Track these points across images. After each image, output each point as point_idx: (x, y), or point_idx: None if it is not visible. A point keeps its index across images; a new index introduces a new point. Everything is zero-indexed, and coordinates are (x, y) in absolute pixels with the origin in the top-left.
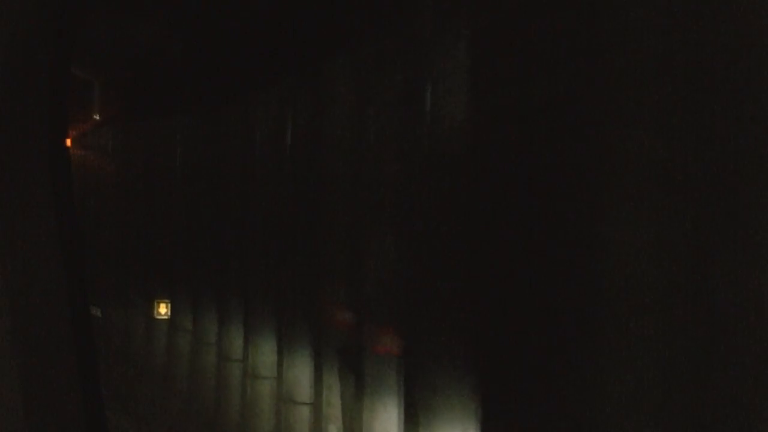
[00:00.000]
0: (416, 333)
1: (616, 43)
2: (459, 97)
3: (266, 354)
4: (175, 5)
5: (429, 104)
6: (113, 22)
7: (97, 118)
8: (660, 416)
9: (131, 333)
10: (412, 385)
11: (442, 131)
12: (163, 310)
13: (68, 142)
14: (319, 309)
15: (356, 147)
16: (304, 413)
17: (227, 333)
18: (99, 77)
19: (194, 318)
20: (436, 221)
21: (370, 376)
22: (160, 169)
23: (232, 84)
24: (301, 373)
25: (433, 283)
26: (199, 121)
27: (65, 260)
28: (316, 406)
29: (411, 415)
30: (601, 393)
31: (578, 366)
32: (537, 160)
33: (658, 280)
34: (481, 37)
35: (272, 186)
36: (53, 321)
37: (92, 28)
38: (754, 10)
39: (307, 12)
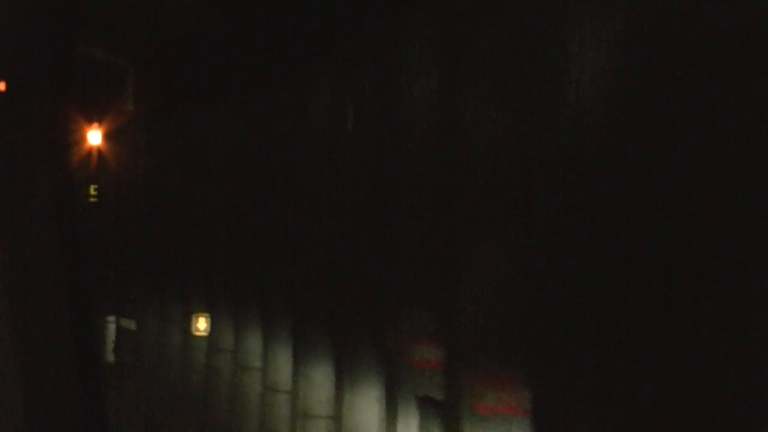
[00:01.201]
0: (538, 384)
1: None
2: (604, 58)
3: (321, 388)
4: None
5: (556, 71)
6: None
7: (131, 108)
8: None
9: (167, 350)
10: None
11: (575, 106)
12: (201, 325)
13: (100, 137)
14: (393, 340)
15: (444, 130)
16: None
17: (273, 357)
18: (133, 62)
19: (236, 337)
20: (567, 226)
21: None
22: (200, 167)
23: (282, 63)
24: (367, 419)
25: (563, 313)
26: (243, 110)
27: (65, 260)
28: None
29: None
30: None
31: None
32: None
33: None
34: None
35: (330, 183)
36: (53, 321)
37: (125, 8)
38: None
39: None
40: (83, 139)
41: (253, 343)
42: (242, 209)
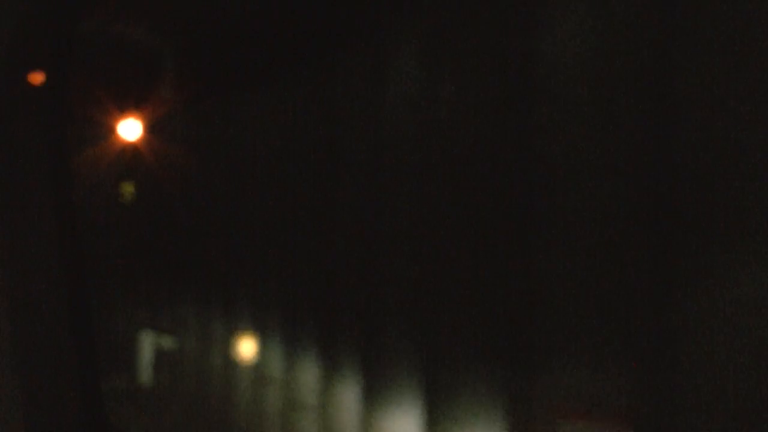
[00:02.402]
0: None
1: None
2: None
3: None
4: None
5: None
6: None
7: (171, 97)
8: None
9: (207, 376)
10: None
11: None
12: (247, 348)
13: (135, 130)
14: (525, 405)
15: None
16: None
17: (333, 395)
18: (172, 44)
19: (289, 365)
20: None
21: None
22: (251, 162)
23: (354, 25)
24: None
25: None
26: (307, 90)
27: (65, 261)
28: None
29: None
30: None
31: None
32: None
33: None
34: None
35: (423, 176)
36: (53, 321)
37: None
38: None
39: None
40: (114, 132)
41: (310, 375)
42: (303, 211)
